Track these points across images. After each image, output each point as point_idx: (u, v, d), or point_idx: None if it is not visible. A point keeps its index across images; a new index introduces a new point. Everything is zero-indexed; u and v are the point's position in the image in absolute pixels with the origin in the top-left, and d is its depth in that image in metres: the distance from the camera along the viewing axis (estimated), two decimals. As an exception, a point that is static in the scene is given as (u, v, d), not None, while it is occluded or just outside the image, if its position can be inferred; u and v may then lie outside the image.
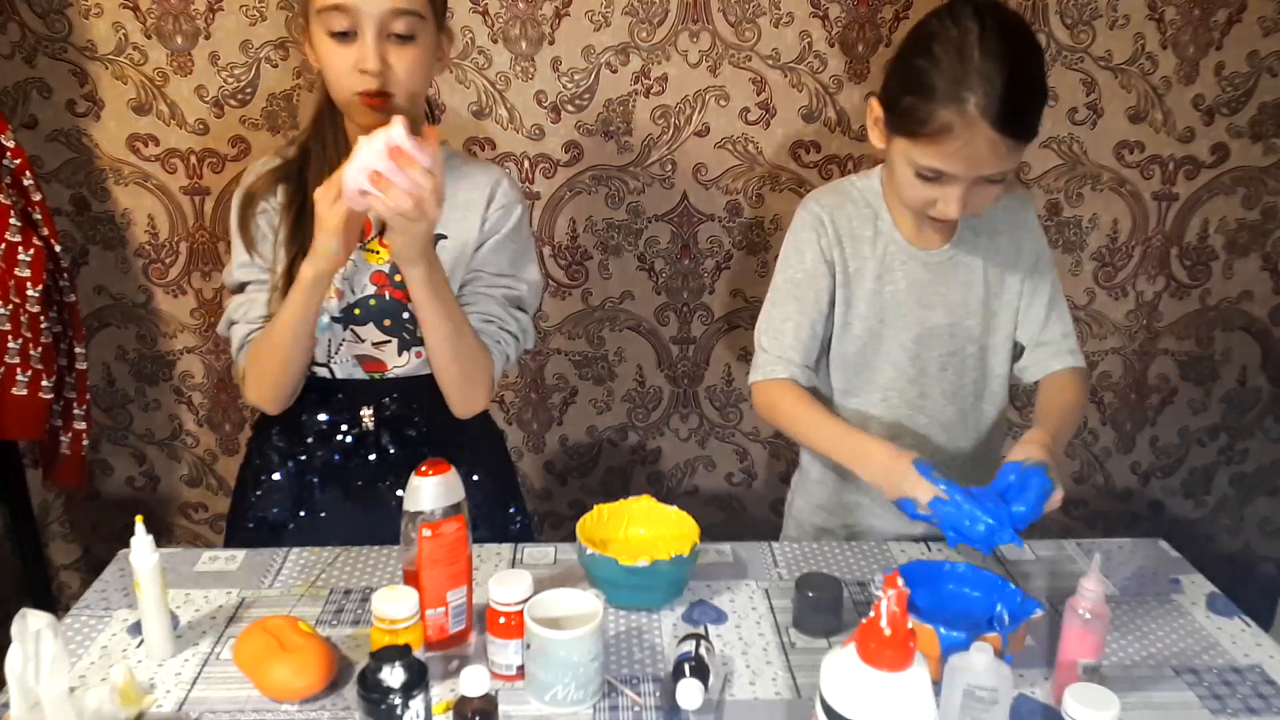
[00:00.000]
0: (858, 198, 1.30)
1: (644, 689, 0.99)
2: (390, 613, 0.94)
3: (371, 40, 1.10)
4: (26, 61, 1.72)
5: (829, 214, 1.28)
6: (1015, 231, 1.31)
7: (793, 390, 1.27)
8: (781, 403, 1.28)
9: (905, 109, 1.12)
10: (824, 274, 1.28)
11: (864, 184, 1.31)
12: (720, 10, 1.74)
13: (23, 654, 0.85)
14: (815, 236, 1.28)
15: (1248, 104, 1.85)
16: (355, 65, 1.11)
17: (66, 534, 2.06)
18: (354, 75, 1.12)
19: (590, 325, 1.96)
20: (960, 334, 1.30)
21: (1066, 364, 1.31)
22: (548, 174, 1.84)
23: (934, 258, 1.28)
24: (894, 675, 0.73)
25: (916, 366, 1.31)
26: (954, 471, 1.13)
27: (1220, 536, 2.20)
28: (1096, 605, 0.95)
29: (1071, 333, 1.33)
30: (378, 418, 1.29)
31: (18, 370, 1.64)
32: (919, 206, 1.18)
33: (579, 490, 2.08)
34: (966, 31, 1.07)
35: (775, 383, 1.28)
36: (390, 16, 1.10)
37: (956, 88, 1.06)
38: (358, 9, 1.09)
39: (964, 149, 1.08)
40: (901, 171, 1.17)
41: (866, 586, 1.19)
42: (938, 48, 1.09)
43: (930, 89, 1.08)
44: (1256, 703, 0.99)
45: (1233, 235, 1.95)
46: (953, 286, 1.29)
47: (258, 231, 1.24)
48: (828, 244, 1.28)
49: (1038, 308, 1.31)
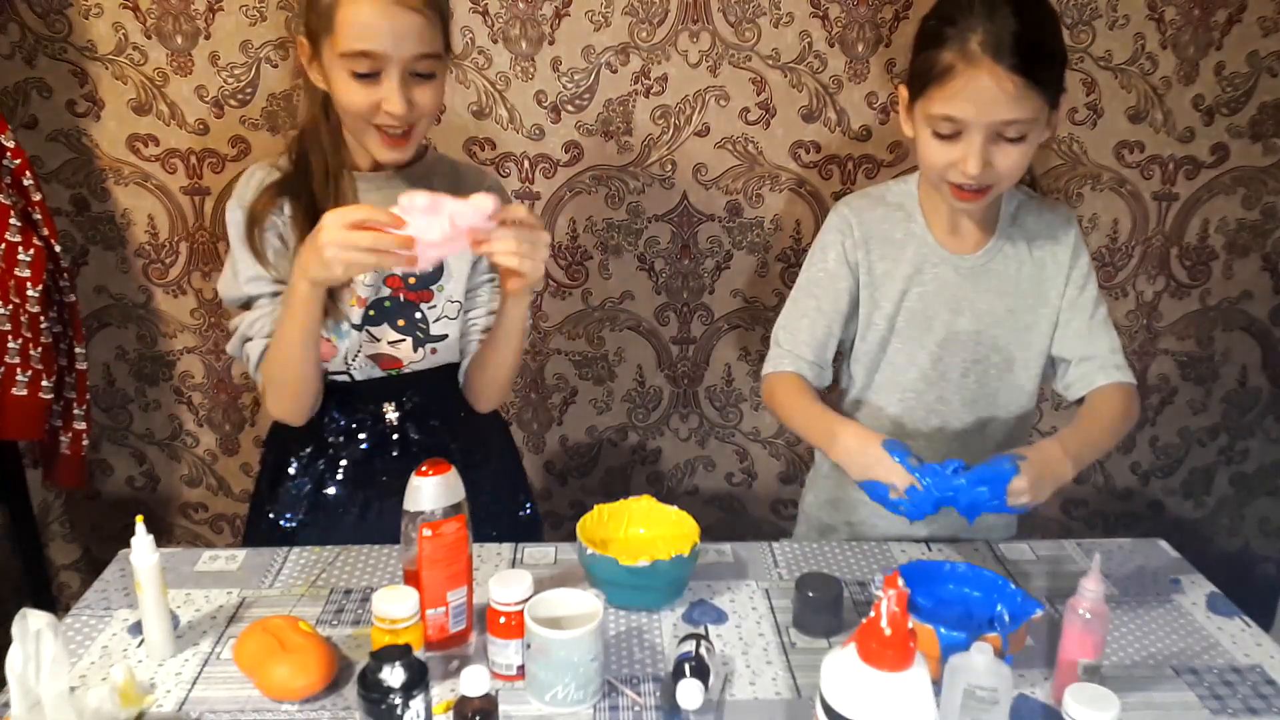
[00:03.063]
0: (891, 201, 1.31)
1: (644, 689, 0.99)
2: (390, 613, 0.94)
3: (396, 83, 1.11)
4: (26, 61, 1.72)
5: (858, 216, 1.30)
6: (1055, 246, 1.29)
7: (792, 381, 1.29)
8: (778, 392, 1.30)
9: (918, 67, 1.16)
10: (845, 275, 1.29)
11: (900, 188, 1.32)
12: (720, 10, 1.74)
13: (23, 654, 0.85)
14: (840, 238, 1.30)
15: (1248, 104, 1.85)
16: (379, 105, 1.13)
17: (66, 534, 2.06)
18: (376, 113, 1.14)
19: (590, 325, 1.96)
20: (985, 342, 1.29)
21: (1113, 379, 1.27)
22: (548, 174, 1.84)
23: (966, 262, 1.28)
24: (894, 675, 0.73)
25: (938, 370, 1.31)
26: None
27: (1220, 536, 2.20)
28: (1096, 605, 0.95)
29: (1119, 349, 1.29)
30: (400, 412, 1.31)
31: (18, 370, 1.64)
32: (941, 170, 1.17)
33: (579, 490, 2.08)
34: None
35: (783, 376, 1.31)
36: (414, 60, 1.12)
37: (959, 29, 1.10)
38: (385, 55, 1.10)
39: (970, 87, 1.09)
40: (923, 140, 1.18)
41: (866, 586, 1.19)
42: (946, 4, 1.14)
43: (938, 36, 1.12)
44: (1256, 703, 0.99)
45: (1233, 235, 1.95)
46: (982, 293, 1.28)
47: (267, 246, 1.22)
48: (852, 246, 1.29)
49: (1079, 324, 1.29)
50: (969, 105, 1.10)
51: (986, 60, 1.08)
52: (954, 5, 1.12)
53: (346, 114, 1.17)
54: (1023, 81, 1.08)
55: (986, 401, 1.32)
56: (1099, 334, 1.29)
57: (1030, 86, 1.09)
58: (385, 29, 1.09)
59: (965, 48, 1.09)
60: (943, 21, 1.13)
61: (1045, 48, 1.12)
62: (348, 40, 1.09)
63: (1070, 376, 1.30)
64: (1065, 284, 1.29)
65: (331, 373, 1.28)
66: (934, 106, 1.13)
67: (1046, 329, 1.30)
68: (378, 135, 1.16)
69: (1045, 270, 1.29)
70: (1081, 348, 1.29)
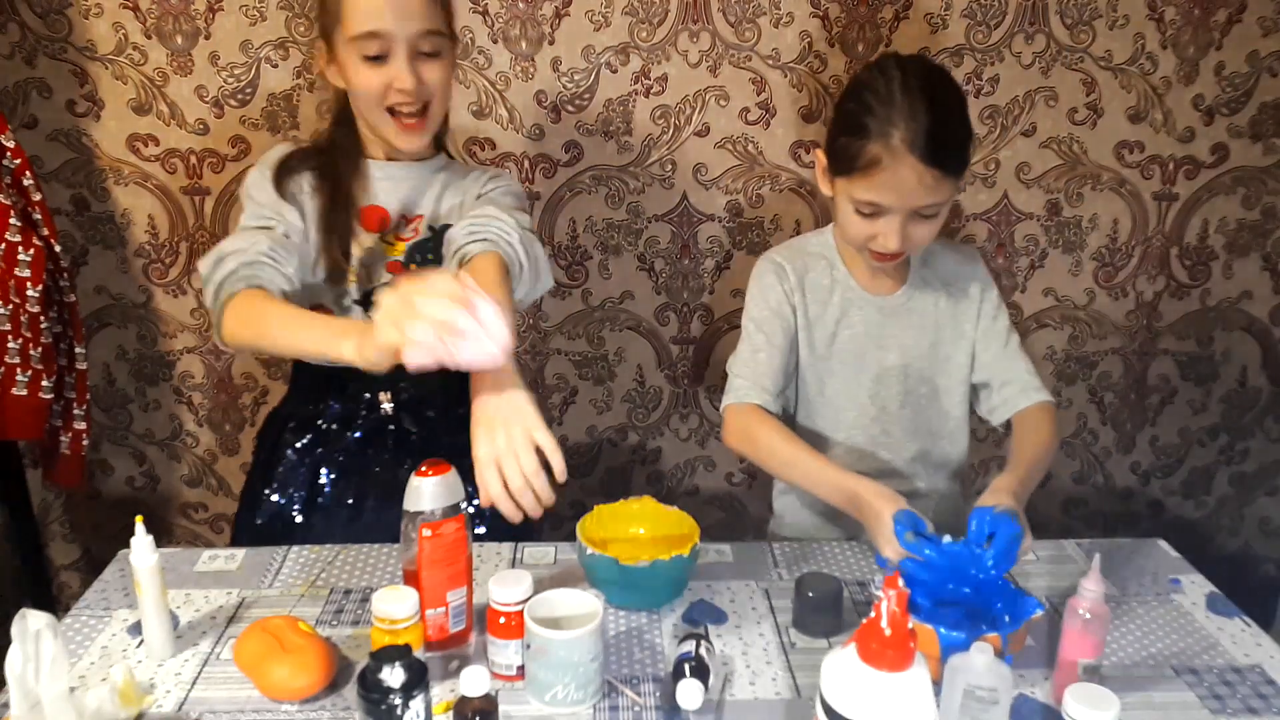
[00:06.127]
0: (814, 251, 1.40)
1: (644, 689, 0.99)
2: (390, 613, 0.94)
3: (404, 61, 1.18)
4: (26, 61, 1.72)
5: (789, 264, 1.38)
6: (964, 281, 1.39)
7: (768, 420, 1.31)
8: (756, 431, 1.31)
9: (841, 149, 1.23)
10: (788, 314, 1.37)
11: (819, 239, 1.41)
12: (720, 10, 1.74)
13: (23, 654, 0.85)
14: (777, 280, 1.37)
15: (1248, 104, 1.85)
16: (390, 84, 1.19)
17: (66, 534, 2.06)
18: (390, 93, 1.20)
19: (590, 325, 1.96)
20: (913, 374, 1.38)
21: (1034, 400, 1.35)
22: (548, 174, 1.84)
23: (888, 302, 1.37)
24: (894, 675, 0.73)
25: (877, 405, 1.38)
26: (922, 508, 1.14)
27: (1220, 536, 2.20)
28: (1096, 605, 0.95)
29: (1034, 370, 1.38)
30: (396, 401, 1.32)
31: (18, 370, 1.64)
32: (861, 243, 1.27)
33: (579, 490, 2.08)
34: (890, 79, 1.19)
35: (748, 407, 1.33)
36: (419, 38, 1.18)
37: (884, 125, 1.17)
38: (390, 33, 1.17)
39: (892, 179, 1.18)
40: (844, 210, 1.27)
41: (866, 586, 1.20)
42: (866, 93, 1.21)
43: (862, 128, 1.19)
44: (1256, 703, 0.99)
45: (1233, 235, 1.95)
46: (905, 329, 1.37)
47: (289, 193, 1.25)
48: (789, 289, 1.37)
49: (995, 350, 1.38)
50: (891, 194, 1.20)
51: (909, 157, 1.16)
52: (875, 95, 1.19)
53: (362, 101, 1.22)
54: (940, 173, 1.18)
55: (925, 431, 1.40)
56: (1014, 359, 1.38)
57: (946, 175, 1.19)
58: (389, 9, 1.16)
59: (889, 143, 1.17)
60: (864, 110, 1.19)
61: (957, 139, 1.21)
62: (355, 24, 1.17)
63: (994, 400, 1.39)
64: (978, 316, 1.39)
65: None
66: (857, 192, 1.22)
67: (965, 359, 1.39)
68: (394, 122, 1.22)
69: (959, 305, 1.39)
70: (1001, 373, 1.37)
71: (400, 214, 1.30)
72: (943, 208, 1.23)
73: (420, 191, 1.32)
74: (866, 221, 1.24)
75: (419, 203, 1.32)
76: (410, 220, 1.31)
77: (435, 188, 1.33)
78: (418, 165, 1.32)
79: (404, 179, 1.31)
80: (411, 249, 1.30)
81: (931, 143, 1.16)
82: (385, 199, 1.29)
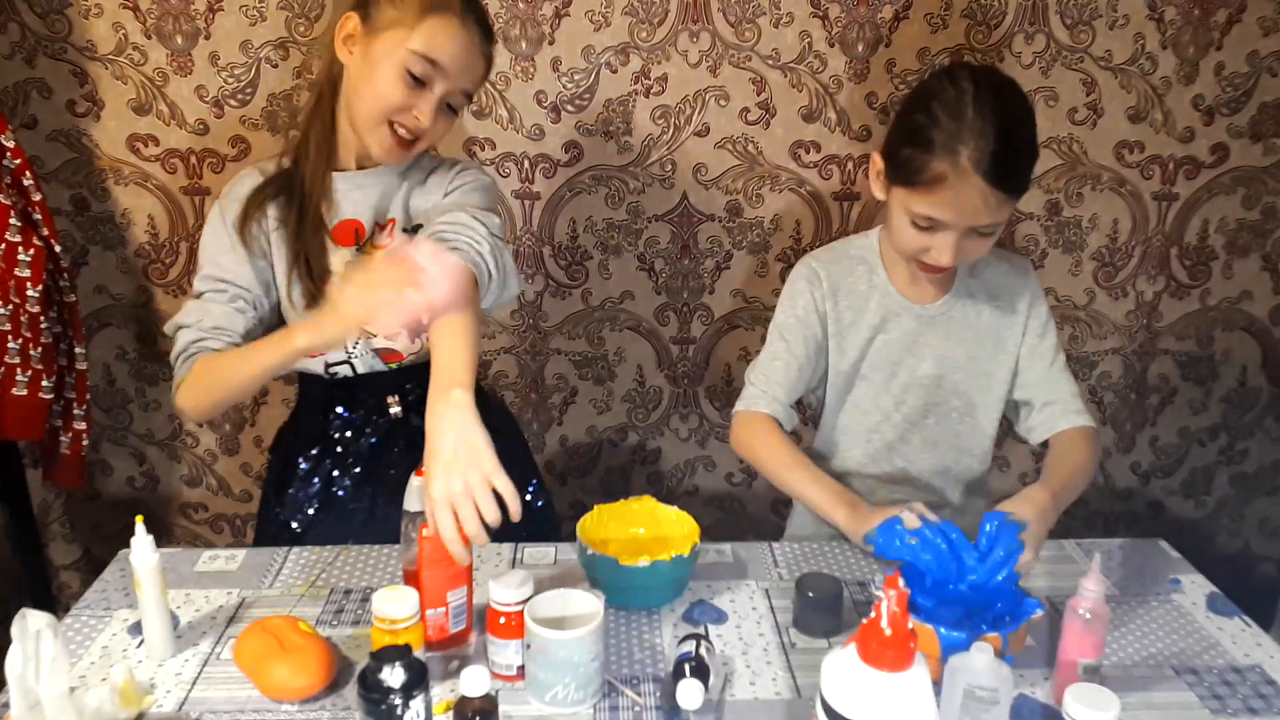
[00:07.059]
0: (854, 254, 1.37)
1: (644, 689, 0.99)
2: (390, 613, 0.94)
3: (435, 101, 1.19)
4: (26, 62, 1.72)
5: (825, 269, 1.35)
6: (1012, 294, 1.35)
7: (773, 429, 1.32)
8: (758, 439, 1.33)
9: (904, 160, 1.19)
10: (815, 324, 1.35)
11: (862, 242, 1.38)
12: (720, 10, 1.74)
13: (23, 654, 0.85)
14: (809, 288, 1.35)
15: (1248, 104, 1.85)
16: (410, 108, 1.19)
17: (66, 534, 2.06)
18: (403, 114, 1.19)
19: (590, 325, 1.96)
20: (946, 386, 1.36)
21: (1074, 423, 1.32)
22: (548, 174, 1.84)
23: (927, 311, 1.34)
24: (894, 675, 0.74)
25: (900, 412, 1.37)
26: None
27: (1220, 536, 2.20)
28: (1096, 605, 0.95)
29: (1079, 394, 1.35)
30: (404, 403, 1.32)
31: (18, 370, 1.64)
32: (913, 253, 1.24)
33: (579, 490, 2.08)
34: (963, 91, 1.14)
35: (755, 415, 1.34)
36: (458, 92, 1.21)
37: (951, 141, 1.13)
38: (446, 72, 1.18)
39: (956, 199, 1.15)
40: (898, 220, 1.23)
41: (866, 586, 1.20)
42: (936, 105, 1.16)
43: (928, 141, 1.15)
44: (1256, 703, 0.99)
45: (1233, 235, 1.95)
46: (942, 339, 1.35)
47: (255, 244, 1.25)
48: (820, 297, 1.34)
49: (1040, 369, 1.35)
50: (952, 212, 1.16)
51: (974, 177, 1.13)
52: (944, 107, 1.15)
53: (369, 103, 1.19)
54: (1004, 194, 1.15)
55: (947, 444, 1.39)
56: (1060, 379, 1.35)
57: (1009, 196, 1.16)
58: (460, 54, 1.18)
59: (956, 161, 1.13)
60: (932, 123, 1.15)
61: (1025, 160, 1.18)
62: (425, 43, 1.16)
63: (1034, 420, 1.36)
64: (1024, 332, 1.35)
65: (331, 365, 1.29)
66: (917, 205, 1.18)
67: (1005, 376, 1.36)
68: (390, 135, 1.20)
69: (1004, 319, 1.35)
70: (1044, 393, 1.34)
71: (374, 221, 1.28)
72: (1000, 226, 1.20)
73: (389, 196, 1.29)
74: (922, 234, 1.20)
75: (389, 207, 1.29)
76: (384, 226, 1.29)
77: (404, 189, 1.30)
78: (385, 169, 1.28)
79: (373, 185, 1.28)
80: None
81: (999, 164, 1.12)
82: (357, 210, 1.27)
